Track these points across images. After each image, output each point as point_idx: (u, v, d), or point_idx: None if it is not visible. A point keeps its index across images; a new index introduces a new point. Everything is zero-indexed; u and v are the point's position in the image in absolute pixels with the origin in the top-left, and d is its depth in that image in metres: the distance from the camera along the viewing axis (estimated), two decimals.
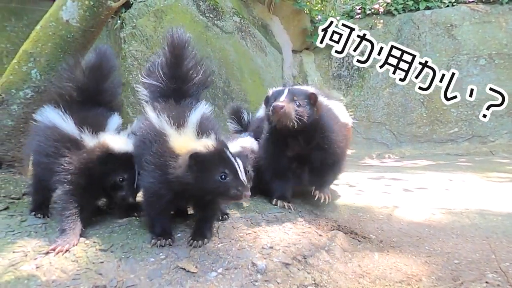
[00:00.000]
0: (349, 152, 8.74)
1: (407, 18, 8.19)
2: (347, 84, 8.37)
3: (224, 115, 6.25)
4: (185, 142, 1.33)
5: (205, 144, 1.28)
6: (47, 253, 1.31)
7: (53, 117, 1.59)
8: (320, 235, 1.65)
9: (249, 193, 1.28)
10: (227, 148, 1.34)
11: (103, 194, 1.65)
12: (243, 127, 2.99)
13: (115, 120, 1.70)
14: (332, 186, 3.23)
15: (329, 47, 8.88)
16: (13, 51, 5.36)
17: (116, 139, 1.53)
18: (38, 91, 2.10)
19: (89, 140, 1.51)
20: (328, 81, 8.49)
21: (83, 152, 1.47)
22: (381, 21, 8.50)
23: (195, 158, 1.26)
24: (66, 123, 1.54)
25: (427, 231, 1.86)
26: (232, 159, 1.30)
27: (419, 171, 4.39)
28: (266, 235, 1.54)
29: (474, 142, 7.35)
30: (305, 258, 1.38)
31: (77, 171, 1.43)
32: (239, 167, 1.29)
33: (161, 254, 1.34)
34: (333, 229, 1.87)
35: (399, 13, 8.35)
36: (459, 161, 6.21)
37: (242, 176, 1.29)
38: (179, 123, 1.39)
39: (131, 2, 6.09)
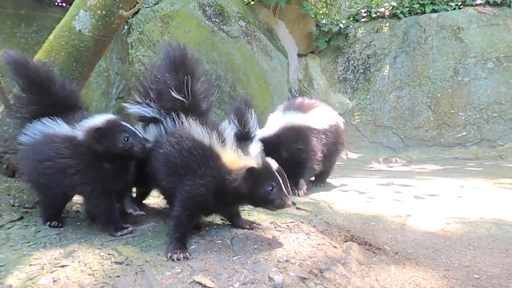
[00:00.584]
0: (355, 156, 8.65)
1: (413, 21, 8.14)
2: (353, 87, 8.34)
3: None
4: (235, 158, 1.59)
5: (257, 161, 1.53)
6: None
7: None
8: (334, 246, 1.63)
9: (291, 202, 1.53)
10: (272, 165, 1.58)
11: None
12: (245, 134, 2.55)
13: None
14: (341, 193, 3.22)
15: (334, 50, 8.90)
16: None
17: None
18: None
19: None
20: (334, 84, 8.47)
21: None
22: (387, 24, 8.47)
23: (251, 172, 1.50)
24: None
25: (443, 242, 1.83)
26: (276, 174, 1.54)
27: (428, 177, 4.34)
28: (280, 247, 1.53)
29: (482, 146, 7.25)
30: (321, 272, 1.36)
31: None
32: (282, 181, 1.53)
33: (176, 267, 1.33)
34: (347, 240, 1.85)
35: (405, 16, 8.31)
36: (468, 165, 6.13)
37: (285, 188, 1.53)
38: (222, 141, 1.62)
39: (137, 10, 6.16)
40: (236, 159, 1.58)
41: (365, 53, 8.41)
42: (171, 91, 1.69)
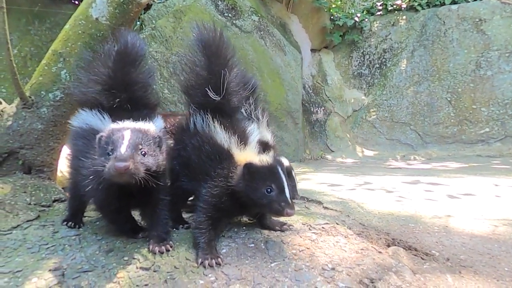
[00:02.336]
0: (371, 153, 8.43)
1: (432, 13, 7.82)
2: (368, 83, 8.08)
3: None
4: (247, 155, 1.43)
5: (259, 157, 1.37)
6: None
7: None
8: (379, 252, 1.46)
9: (292, 211, 1.29)
10: (281, 166, 1.38)
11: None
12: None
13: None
14: (367, 192, 3.03)
15: (348, 45, 8.65)
16: (37, 54, 5.41)
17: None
18: (68, 92, 2.01)
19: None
20: (348, 80, 8.22)
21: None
22: (404, 17, 8.16)
23: (248, 168, 1.34)
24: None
25: (498, 248, 1.64)
26: (281, 174, 1.34)
27: (456, 175, 4.10)
28: (321, 252, 1.37)
29: (507, 143, 6.91)
30: (372, 282, 1.20)
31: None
32: (286, 183, 1.33)
33: (210, 275, 1.19)
34: (389, 244, 1.68)
35: (423, 9, 7.99)
36: (493, 163, 5.83)
37: (288, 192, 1.32)
38: (243, 141, 1.50)
39: (151, 3, 6.06)
40: (247, 156, 1.43)
41: (381, 47, 8.13)
42: (204, 85, 1.53)
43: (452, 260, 1.53)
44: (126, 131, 1.21)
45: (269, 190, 1.31)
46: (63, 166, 2.87)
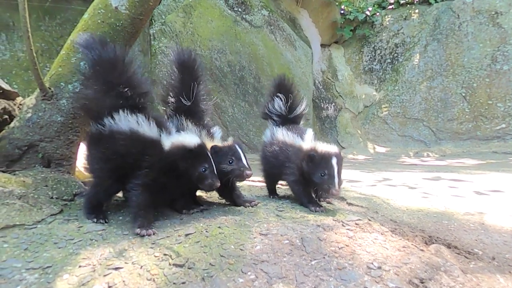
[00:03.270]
0: (383, 149, 8.29)
1: (445, 6, 7.62)
2: (380, 78, 7.93)
3: (255, 111, 6.04)
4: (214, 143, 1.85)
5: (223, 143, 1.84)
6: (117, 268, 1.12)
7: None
8: (421, 249, 1.38)
9: (250, 172, 1.75)
10: (240, 147, 1.84)
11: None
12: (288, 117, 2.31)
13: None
14: (389, 188, 2.94)
15: (359, 40, 8.49)
16: (47, 50, 5.37)
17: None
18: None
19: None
20: (359, 75, 8.08)
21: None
22: (417, 11, 7.98)
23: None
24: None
25: None
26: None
27: (477, 171, 3.98)
28: (362, 250, 1.29)
29: None
30: (423, 282, 1.12)
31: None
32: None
33: (249, 272, 1.12)
34: (426, 241, 1.59)
35: (436, 2, 7.80)
36: (510, 160, 5.68)
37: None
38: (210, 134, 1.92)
39: None
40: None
41: (393, 41, 7.96)
42: (178, 94, 1.94)
43: (498, 259, 1.44)
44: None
45: (230, 161, 1.75)
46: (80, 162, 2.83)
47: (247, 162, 1.77)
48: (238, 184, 2.58)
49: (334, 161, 1.78)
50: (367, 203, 2.28)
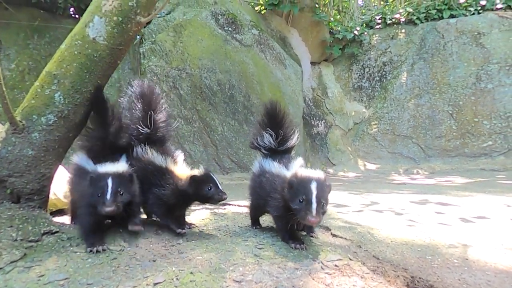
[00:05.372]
0: (373, 167, 8.30)
1: (431, 27, 7.87)
2: (369, 95, 8.05)
3: (245, 130, 6.02)
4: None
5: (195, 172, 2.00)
6: None
7: None
8: None
9: (225, 195, 1.96)
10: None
11: None
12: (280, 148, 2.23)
13: None
14: (375, 214, 2.90)
15: (348, 58, 8.65)
16: (35, 68, 5.32)
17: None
18: (61, 116, 1.89)
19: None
20: (349, 92, 8.20)
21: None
22: (403, 30, 8.21)
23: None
24: None
25: None
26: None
27: (465, 193, 3.98)
28: None
29: (510, 156, 6.83)
30: None
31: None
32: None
33: None
34: (408, 283, 1.54)
35: (422, 22, 8.05)
36: (498, 178, 5.73)
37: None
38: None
39: (150, 20, 6.04)
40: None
41: (381, 60, 8.15)
42: (137, 123, 2.09)
43: None
44: None
45: (209, 188, 1.92)
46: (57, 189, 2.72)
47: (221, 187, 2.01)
48: (223, 211, 2.62)
49: (313, 185, 1.65)
50: (351, 235, 2.23)
